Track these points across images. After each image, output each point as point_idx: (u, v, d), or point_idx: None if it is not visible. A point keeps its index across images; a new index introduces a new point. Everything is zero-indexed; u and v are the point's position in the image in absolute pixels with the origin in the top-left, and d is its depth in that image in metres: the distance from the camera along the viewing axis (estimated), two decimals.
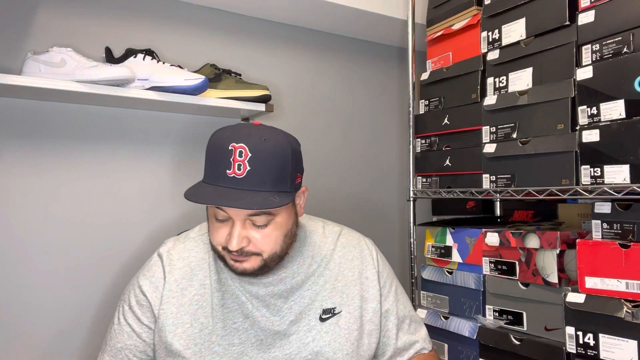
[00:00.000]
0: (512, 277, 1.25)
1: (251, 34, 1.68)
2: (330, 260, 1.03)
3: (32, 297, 1.30)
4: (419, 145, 1.59)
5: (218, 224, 0.89)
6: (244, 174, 0.84)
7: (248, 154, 0.85)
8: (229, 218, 0.87)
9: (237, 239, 0.86)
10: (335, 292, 1.00)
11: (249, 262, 0.89)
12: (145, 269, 0.98)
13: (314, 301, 0.98)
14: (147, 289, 0.95)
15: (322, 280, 1.00)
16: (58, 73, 1.19)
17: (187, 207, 1.52)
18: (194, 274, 0.96)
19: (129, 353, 0.94)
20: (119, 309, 0.98)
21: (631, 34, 1.03)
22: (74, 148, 1.37)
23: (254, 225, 0.88)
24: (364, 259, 1.06)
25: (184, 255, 0.98)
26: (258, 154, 0.85)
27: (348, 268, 1.03)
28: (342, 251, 1.05)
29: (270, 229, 0.89)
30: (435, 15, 1.57)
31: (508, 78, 1.30)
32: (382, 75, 1.98)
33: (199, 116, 1.56)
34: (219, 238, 0.89)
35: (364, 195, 1.91)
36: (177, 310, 0.93)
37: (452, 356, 1.40)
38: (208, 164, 0.89)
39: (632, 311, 0.98)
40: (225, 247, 0.88)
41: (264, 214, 0.87)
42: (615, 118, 1.05)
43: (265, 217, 0.88)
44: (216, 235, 0.90)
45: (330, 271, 1.02)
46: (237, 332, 0.93)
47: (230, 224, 0.88)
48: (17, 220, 1.29)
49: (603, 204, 1.07)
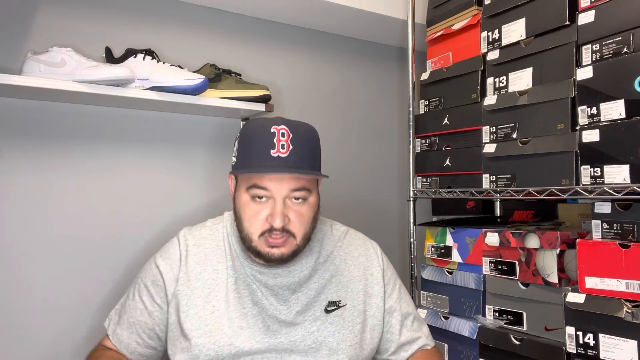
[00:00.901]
0: (512, 277, 1.25)
1: (251, 34, 1.68)
2: (337, 256, 1.08)
3: (32, 297, 1.30)
4: (419, 145, 1.59)
5: (256, 207, 0.95)
6: (287, 153, 0.93)
7: (290, 134, 0.94)
8: (269, 197, 0.94)
9: (281, 215, 0.92)
10: (341, 286, 1.05)
11: (286, 246, 0.95)
12: (163, 251, 1.04)
13: (320, 294, 1.02)
14: (164, 269, 1.00)
15: (329, 274, 1.05)
16: (58, 73, 1.19)
17: (187, 207, 1.52)
18: (208, 259, 1.01)
19: (139, 329, 1.01)
20: (135, 286, 1.04)
21: (631, 34, 1.03)
22: (73, 148, 1.37)
23: (293, 203, 0.95)
24: (369, 257, 1.11)
25: (200, 242, 1.04)
26: (298, 135, 0.95)
27: (353, 264, 1.08)
28: (349, 248, 1.10)
29: (305, 208, 0.97)
30: (435, 15, 1.57)
31: (508, 78, 1.30)
32: (382, 75, 1.98)
33: (199, 116, 1.56)
34: (257, 222, 0.94)
35: (364, 195, 1.91)
36: (191, 293, 0.98)
37: (452, 356, 1.40)
38: (248, 148, 0.96)
39: (632, 311, 0.98)
40: (263, 232, 0.94)
41: (304, 189, 0.95)
42: (615, 118, 1.05)
43: (305, 193, 0.96)
44: (254, 221, 0.95)
45: (336, 266, 1.07)
46: (246, 317, 0.97)
47: (270, 204, 0.94)
48: (17, 220, 1.29)
49: (603, 204, 1.07)
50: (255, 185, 0.94)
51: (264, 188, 0.93)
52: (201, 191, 1.56)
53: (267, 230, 0.94)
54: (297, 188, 0.94)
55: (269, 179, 0.93)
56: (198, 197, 1.55)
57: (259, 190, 0.94)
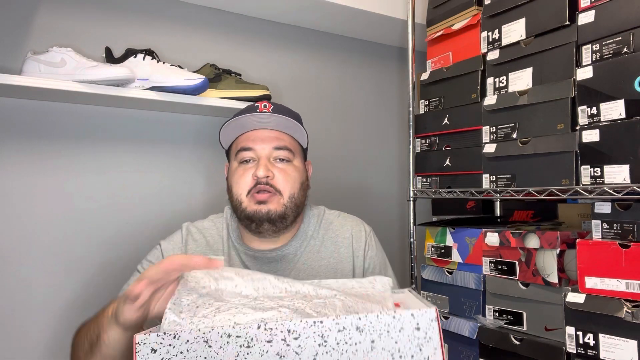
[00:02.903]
0: (512, 277, 1.25)
1: (251, 34, 1.68)
2: (327, 239, 1.11)
3: (32, 296, 1.30)
4: (419, 145, 1.59)
5: (243, 170, 1.02)
6: (270, 110, 1.03)
7: (272, 106, 1.05)
8: (254, 159, 1.02)
9: (264, 167, 1.00)
10: (329, 269, 1.07)
11: (273, 202, 1.00)
12: (168, 238, 1.11)
13: (309, 276, 1.04)
14: (165, 247, 1.07)
15: (319, 257, 1.08)
16: (58, 73, 1.19)
17: (187, 206, 1.52)
18: (209, 246, 1.07)
19: None
20: (140, 264, 1.08)
21: (631, 34, 1.03)
22: (74, 148, 1.37)
23: (278, 162, 1.03)
24: (359, 238, 1.13)
25: (202, 231, 1.10)
26: (280, 106, 1.06)
27: (344, 246, 1.11)
28: (340, 230, 1.13)
29: (291, 169, 1.03)
30: (435, 15, 1.57)
31: (508, 78, 1.30)
32: (382, 75, 1.98)
33: (199, 116, 1.56)
34: (244, 182, 1.01)
35: (363, 195, 1.91)
36: None
37: (452, 356, 1.40)
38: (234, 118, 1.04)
39: (632, 311, 0.98)
40: (250, 190, 1.00)
41: (286, 149, 1.03)
42: (615, 118, 1.05)
43: (288, 153, 1.04)
44: (241, 181, 1.01)
45: (327, 248, 1.09)
46: None
47: (255, 166, 1.01)
48: (17, 220, 1.29)
49: (603, 204, 1.07)
50: (242, 148, 1.03)
51: (249, 148, 1.02)
52: (201, 191, 1.56)
53: (252, 187, 1.00)
54: (280, 147, 1.03)
55: (253, 139, 1.03)
56: (198, 196, 1.55)
57: (245, 152, 1.03)
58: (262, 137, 1.03)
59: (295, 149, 1.07)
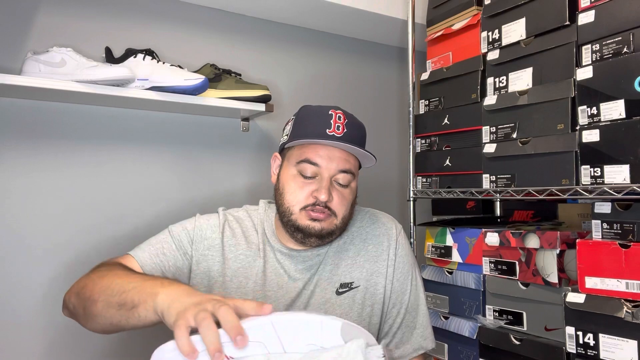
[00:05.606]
0: (512, 277, 1.24)
1: (251, 34, 1.68)
2: (357, 236, 1.08)
3: (32, 296, 1.30)
4: (419, 145, 1.59)
5: (302, 182, 0.98)
6: (342, 134, 0.98)
7: (345, 119, 1.00)
8: (316, 175, 0.97)
9: (327, 190, 0.96)
10: (356, 267, 1.05)
11: (327, 222, 0.98)
12: (206, 215, 1.06)
13: (333, 275, 1.03)
14: (201, 225, 1.03)
15: (345, 255, 1.05)
16: (58, 73, 1.19)
17: (187, 206, 1.52)
18: (244, 236, 1.04)
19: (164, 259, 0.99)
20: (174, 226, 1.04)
21: (631, 34, 1.03)
22: (73, 148, 1.37)
23: (337, 185, 0.99)
24: (390, 236, 1.10)
25: (237, 219, 1.07)
26: (353, 121, 1.01)
27: (372, 244, 1.08)
28: (370, 227, 1.10)
29: (347, 192, 1.00)
30: (435, 15, 1.57)
31: (508, 78, 1.30)
32: (382, 75, 1.98)
33: (199, 116, 1.56)
34: (301, 195, 0.97)
35: (363, 195, 1.91)
36: (223, 261, 1.00)
37: (452, 356, 1.40)
38: (305, 125, 1.00)
39: (632, 311, 0.98)
40: (306, 206, 0.97)
41: (350, 173, 0.99)
42: (615, 118, 1.05)
43: (349, 177, 1.00)
44: (299, 193, 0.97)
45: (355, 246, 1.07)
46: (269, 300, 0.99)
47: (317, 182, 0.97)
48: (17, 220, 1.29)
49: (603, 204, 1.07)
50: (307, 160, 0.97)
51: (315, 163, 0.97)
52: (201, 191, 1.56)
53: (310, 204, 0.97)
54: (345, 169, 0.98)
55: (320, 155, 0.97)
56: (198, 196, 1.55)
57: (309, 165, 0.97)
58: (331, 155, 0.98)
59: (355, 171, 1.03)
